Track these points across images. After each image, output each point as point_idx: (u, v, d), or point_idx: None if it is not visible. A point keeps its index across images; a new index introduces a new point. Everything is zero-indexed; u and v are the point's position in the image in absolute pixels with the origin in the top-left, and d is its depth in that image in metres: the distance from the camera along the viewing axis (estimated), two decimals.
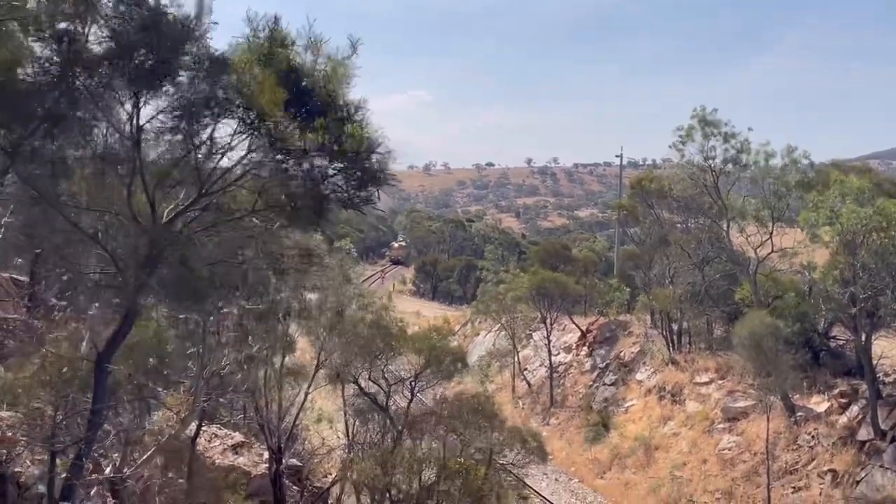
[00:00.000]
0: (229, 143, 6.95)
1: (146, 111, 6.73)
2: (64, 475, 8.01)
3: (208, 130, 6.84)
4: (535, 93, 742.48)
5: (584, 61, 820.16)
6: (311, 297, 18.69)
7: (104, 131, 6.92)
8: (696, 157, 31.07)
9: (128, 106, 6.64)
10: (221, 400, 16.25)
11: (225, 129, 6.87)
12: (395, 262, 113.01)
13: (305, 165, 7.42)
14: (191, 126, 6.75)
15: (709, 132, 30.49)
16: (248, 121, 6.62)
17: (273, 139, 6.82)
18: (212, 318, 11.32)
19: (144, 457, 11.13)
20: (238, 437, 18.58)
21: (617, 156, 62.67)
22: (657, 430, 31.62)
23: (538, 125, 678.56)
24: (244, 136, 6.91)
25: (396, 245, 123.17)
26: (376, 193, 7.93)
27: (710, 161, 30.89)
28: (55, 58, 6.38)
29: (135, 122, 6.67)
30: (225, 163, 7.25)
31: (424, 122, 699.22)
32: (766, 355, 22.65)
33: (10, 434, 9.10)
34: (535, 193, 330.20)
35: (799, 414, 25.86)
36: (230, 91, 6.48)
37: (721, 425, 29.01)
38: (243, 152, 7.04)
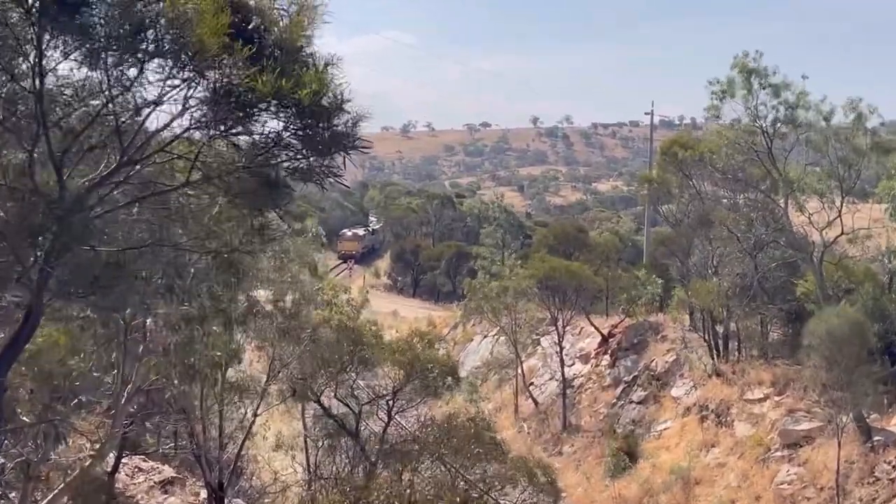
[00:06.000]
0: (159, 95, 6.90)
1: (53, 54, 6.65)
2: None
3: (131, 77, 6.79)
4: (542, 32, 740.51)
5: None
6: (262, 292, 18.70)
7: None
8: (742, 116, 31.02)
9: (28, 48, 6.57)
10: (147, 424, 16.26)
11: (155, 76, 6.82)
12: (345, 259, 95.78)
13: (255, 125, 7.38)
14: (108, 71, 6.70)
15: (754, 84, 30.26)
16: (183, 62, 6.58)
17: (215, 87, 6.78)
18: (136, 319, 11.27)
19: (50, 496, 11.12)
20: (168, 471, 18.63)
21: (647, 113, 62.69)
22: (698, 460, 31.86)
23: (546, 74, 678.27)
24: (179, 85, 6.87)
25: (349, 234, 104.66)
26: (342, 162, 7.89)
27: (761, 121, 30.83)
28: None
29: (37, 68, 6.60)
30: (154, 122, 7.19)
31: (404, 70, 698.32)
32: (847, 363, 22.47)
33: None
34: (542, 161, 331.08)
35: (876, 439, 26.08)
36: (159, 23, 6.43)
37: (779, 453, 29.25)
38: (178, 106, 7.00)
